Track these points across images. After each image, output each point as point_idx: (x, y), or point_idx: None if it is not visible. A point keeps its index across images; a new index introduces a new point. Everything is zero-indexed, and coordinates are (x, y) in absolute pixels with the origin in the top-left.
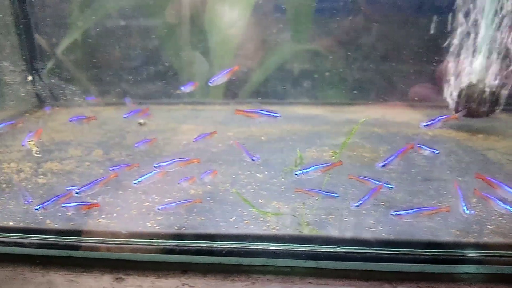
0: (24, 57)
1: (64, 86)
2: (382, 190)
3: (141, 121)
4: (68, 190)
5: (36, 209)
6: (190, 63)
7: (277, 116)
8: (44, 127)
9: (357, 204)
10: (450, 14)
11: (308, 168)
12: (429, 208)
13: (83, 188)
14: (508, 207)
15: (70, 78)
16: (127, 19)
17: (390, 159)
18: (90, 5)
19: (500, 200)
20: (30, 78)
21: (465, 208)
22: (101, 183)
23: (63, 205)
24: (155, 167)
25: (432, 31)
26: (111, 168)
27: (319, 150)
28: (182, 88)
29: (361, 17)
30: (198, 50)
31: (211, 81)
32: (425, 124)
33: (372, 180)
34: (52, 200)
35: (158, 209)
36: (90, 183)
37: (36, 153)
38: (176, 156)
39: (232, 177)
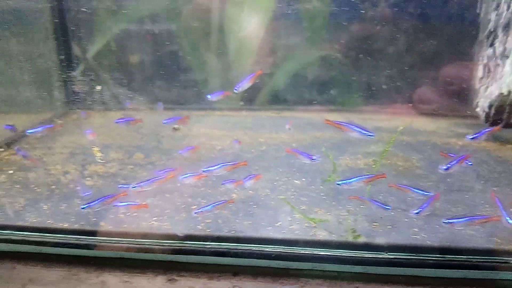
0: (60, 62)
1: (97, 90)
2: (419, 199)
3: (176, 126)
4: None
5: (83, 208)
6: (216, 69)
7: (370, 135)
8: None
9: (416, 211)
10: (479, 23)
11: (351, 179)
12: (480, 216)
13: (141, 184)
14: None
15: (102, 82)
16: (158, 24)
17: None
18: (122, 10)
19: None
20: (98, 87)
21: (508, 218)
22: (160, 181)
23: (114, 204)
24: (203, 171)
25: (461, 41)
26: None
27: (352, 158)
28: (209, 96)
29: (388, 23)
30: (220, 56)
31: (236, 88)
32: (471, 137)
33: (412, 189)
34: (99, 200)
35: (195, 213)
36: (148, 180)
37: (100, 159)
38: (215, 161)
39: (270, 183)
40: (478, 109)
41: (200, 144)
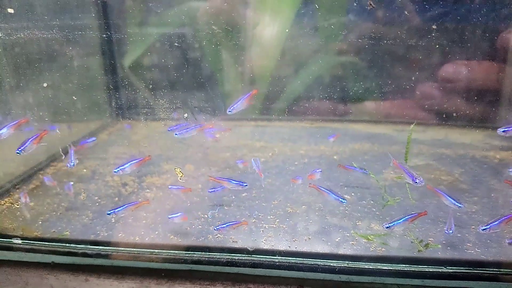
0: (106, 74)
1: (140, 101)
2: (463, 212)
3: (217, 136)
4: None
5: (109, 214)
6: (243, 78)
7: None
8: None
9: (484, 228)
10: None
11: (398, 221)
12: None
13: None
14: None
15: (144, 93)
16: (193, 35)
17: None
18: (161, 21)
19: None
20: (185, 115)
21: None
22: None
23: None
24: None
25: (495, 49)
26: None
27: (397, 172)
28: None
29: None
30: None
31: (230, 110)
32: (502, 129)
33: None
34: (124, 206)
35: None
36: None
37: (181, 179)
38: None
39: (321, 197)
40: None
41: (243, 156)
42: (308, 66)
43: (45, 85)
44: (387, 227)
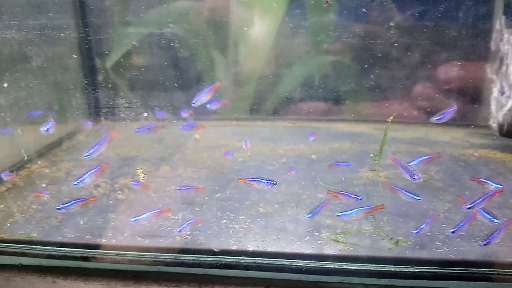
0: (84, 75)
1: (118, 101)
2: (435, 210)
3: (197, 136)
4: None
5: (58, 209)
6: (230, 78)
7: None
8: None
9: (484, 242)
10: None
11: (350, 211)
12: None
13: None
14: None
15: (122, 94)
16: (174, 34)
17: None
18: (140, 21)
19: None
20: (145, 114)
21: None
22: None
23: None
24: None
25: (476, 52)
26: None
27: (375, 169)
28: (208, 105)
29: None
30: (234, 65)
31: (194, 101)
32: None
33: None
34: (73, 202)
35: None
36: None
37: (143, 179)
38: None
39: (295, 197)
40: (491, 121)
41: (222, 155)
42: (294, 66)
43: (5, 85)
44: (338, 216)
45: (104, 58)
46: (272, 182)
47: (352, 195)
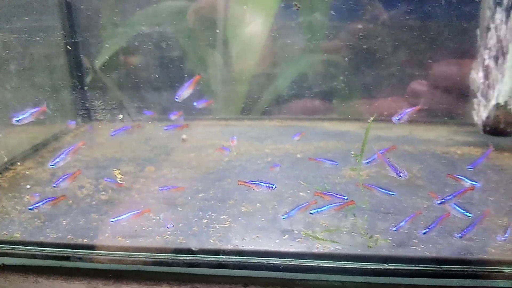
0: (71, 76)
1: (107, 102)
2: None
3: (184, 136)
4: None
5: (30, 209)
6: (221, 81)
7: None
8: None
9: (459, 235)
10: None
11: (322, 208)
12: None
13: None
14: None
15: (111, 94)
16: (163, 34)
17: (449, 198)
18: (127, 22)
19: None
20: (120, 116)
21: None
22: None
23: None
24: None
25: (462, 50)
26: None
27: (356, 168)
28: (195, 104)
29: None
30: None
31: (177, 96)
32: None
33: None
34: (44, 201)
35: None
36: None
37: (120, 180)
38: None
39: (277, 196)
40: (476, 119)
41: (208, 155)
42: (285, 65)
43: None
44: (311, 213)
45: (92, 58)
46: (272, 186)
47: (337, 196)
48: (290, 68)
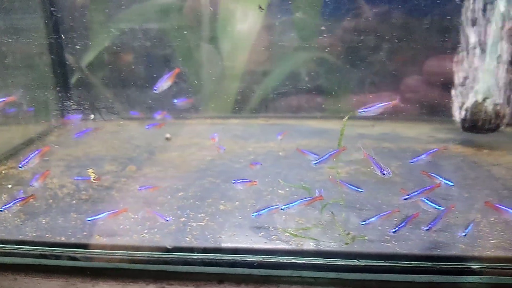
0: (55, 75)
1: (91, 101)
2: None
3: (168, 135)
4: None
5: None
6: (207, 79)
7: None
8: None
9: (427, 228)
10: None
11: (292, 203)
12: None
13: None
14: None
15: (96, 94)
16: (148, 34)
17: (414, 194)
18: (112, 21)
19: None
20: (92, 116)
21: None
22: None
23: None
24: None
25: (443, 48)
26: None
27: (335, 166)
28: (175, 101)
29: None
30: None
31: (155, 88)
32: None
33: None
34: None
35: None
36: None
37: (94, 179)
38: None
39: (256, 193)
40: (455, 115)
41: (191, 154)
42: (274, 64)
43: None
44: (282, 209)
45: (78, 57)
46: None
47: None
48: (279, 66)
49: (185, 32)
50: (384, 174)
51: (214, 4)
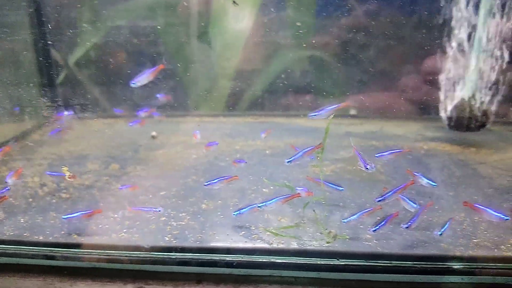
0: (41, 72)
1: (77, 99)
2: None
3: (154, 133)
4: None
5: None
6: (197, 76)
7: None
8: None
9: (406, 225)
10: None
11: (269, 201)
12: None
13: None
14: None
15: (82, 91)
16: (136, 32)
17: (388, 195)
18: (100, 19)
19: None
20: (65, 113)
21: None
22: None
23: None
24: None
25: (429, 47)
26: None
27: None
28: (158, 96)
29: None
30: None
31: (133, 82)
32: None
33: None
34: None
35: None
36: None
37: (69, 177)
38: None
39: (240, 192)
40: (441, 113)
41: (177, 152)
42: (265, 63)
43: None
44: (259, 207)
45: (65, 55)
46: None
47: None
48: (269, 65)
49: (172, 30)
50: (367, 168)
51: (206, 2)
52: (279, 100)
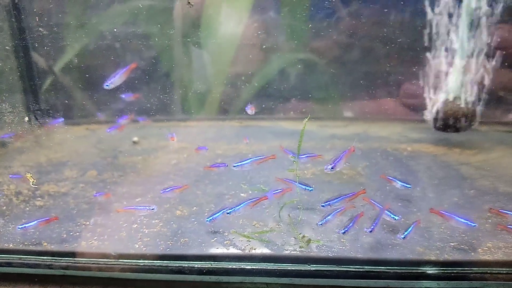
0: (22, 78)
1: (60, 105)
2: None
3: (135, 139)
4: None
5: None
6: (186, 79)
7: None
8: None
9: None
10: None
11: (237, 206)
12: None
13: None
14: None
15: (66, 97)
16: (122, 37)
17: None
18: (85, 25)
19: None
20: (26, 119)
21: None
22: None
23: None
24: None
25: (414, 49)
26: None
27: (302, 168)
28: (123, 96)
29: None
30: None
31: (107, 83)
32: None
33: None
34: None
35: None
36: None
37: (33, 184)
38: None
39: (217, 197)
40: (426, 115)
41: (156, 158)
42: (256, 65)
43: None
44: (228, 213)
45: (49, 60)
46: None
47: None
48: (256, 69)
49: (161, 34)
50: (326, 168)
51: (198, 6)
52: (264, 104)
